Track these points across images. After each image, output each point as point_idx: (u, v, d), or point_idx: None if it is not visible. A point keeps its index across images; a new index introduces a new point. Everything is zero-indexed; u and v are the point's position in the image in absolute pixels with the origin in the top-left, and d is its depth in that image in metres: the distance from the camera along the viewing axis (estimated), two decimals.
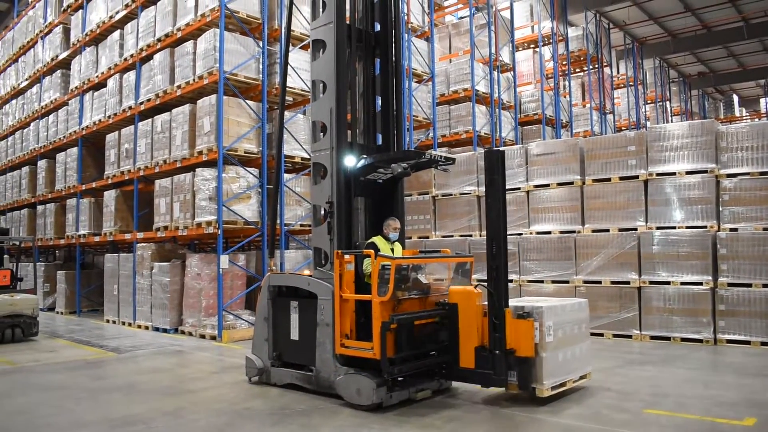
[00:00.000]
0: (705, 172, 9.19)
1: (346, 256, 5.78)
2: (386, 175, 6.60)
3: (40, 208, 16.11)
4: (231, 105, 10.12)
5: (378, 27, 6.93)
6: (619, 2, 22.85)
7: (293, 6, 7.82)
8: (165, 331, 10.86)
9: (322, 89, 6.53)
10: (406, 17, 13.67)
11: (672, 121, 28.80)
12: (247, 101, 10.38)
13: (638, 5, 24.59)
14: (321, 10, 6.64)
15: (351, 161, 6.29)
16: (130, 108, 12.32)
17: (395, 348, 5.43)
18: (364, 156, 6.34)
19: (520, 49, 19.01)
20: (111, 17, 13.32)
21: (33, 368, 7.97)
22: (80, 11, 14.77)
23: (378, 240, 6.13)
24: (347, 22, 6.62)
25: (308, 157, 10.55)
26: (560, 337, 5.71)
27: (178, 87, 10.94)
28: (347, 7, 6.61)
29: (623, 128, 24.14)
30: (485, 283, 5.57)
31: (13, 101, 18.95)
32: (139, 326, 11.56)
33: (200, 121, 10.37)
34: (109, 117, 13.06)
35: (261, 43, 10.63)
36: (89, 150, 14.42)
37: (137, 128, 11.99)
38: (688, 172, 9.32)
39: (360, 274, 5.81)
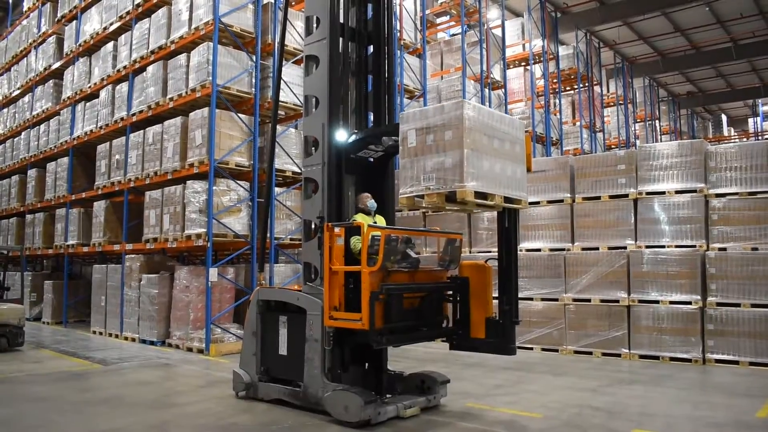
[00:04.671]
0: (694, 191, 9.27)
1: (336, 229, 5.73)
2: (377, 153, 6.51)
3: (29, 217, 16.00)
4: (223, 118, 10.12)
5: (371, 44, 6.97)
6: (610, 22, 23.09)
7: (287, 21, 7.85)
8: (152, 343, 10.77)
9: (315, 104, 6.55)
10: (398, 34, 13.75)
11: (661, 140, 29.06)
12: (239, 115, 10.38)
13: (628, 25, 24.88)
14: (315, 26, 6.67)
15: (342, 136, 6.27)
16: (122, 119, 12.30)
17: (384, 319, 5.42)
18: (356, 131, 6.35)
19: (511, 66, 19.15)
20: (105, 28, 13.33)
21: (17, 379, 7.88)
22: (74, 22, 14.77)
23: (360, 216, 6.08)
24: (340, 38, 6.65)
25: (299, 171, 10.56)
26: None
27: (171, 99, 10.94)
28: (340, 24, 6.65)
29: (613, 146, 24.32)
30: (495, 259, 5.74)
31: (5, 110, 18.88)
32: (126, 338, 11.46)
33: (192, 134, 10.36)
34: (100, 128, 13.03)
35: (254, 57, 10.65)
36: (80, 160, 14.36)
37: (129, 139, 11.96)
38: (678, 192, 9.39)
39: (349, 251, 5.76)
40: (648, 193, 9.60)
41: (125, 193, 12.02)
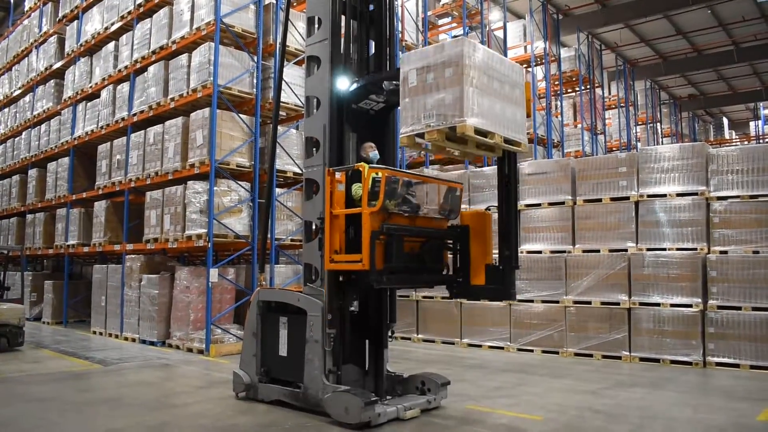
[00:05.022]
0: (695, 194, 9.25)
1: (337, 175, 5.74)
2: (378, 104, 6.47)
3: (29, 217, 16.00)
4: (224, 119, 10.12)
5: (373, 45, 6.96)
6: (611, 24, 23.09)
7: (289, 22, 7.84)
8: (152, 343, 10.76)
9: (316, 105, 6.53)
10: (400, 35, 13.75)
11: (662, 143, 29.04)
12: (240, 115, 10.38)
13: (630, 27, 24.89)
14: (316, 26, 6.66)
15: (344, 84, 6.22)
16: (123, 119, 12.29)
17: (384, 259, 5.39)
18: (356, 79, 6.32)
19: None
20: (106, 28, 13.33)
21: (17, 379, 7.87)
22: (75, 22, 14.77)
23: (361, 166, 5.99)
24: (342, 39, 6.64)
25: (300, 172, 10.54)
26: None
27: (172, 99, 10.93)
28: (342, 24, 6.63)
29: (614, 149, 24.31)
30: (495, 207, 5.80)
31: (6, 109, 18.88)
32: (126, 338, 11.45)
33: (193, 134, 10.36)
34: (101, 128, 13.02)
35: (255, 58, 10.65)
36: (81, 160, 14.36)
37: (130, 139, 11.96)
38: (679, 194, 9.38)
39: (350, 199, 5.76)
40: (649, 196, 9.59)
41: (126, 193, 12.01)
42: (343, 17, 6.61)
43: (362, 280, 5.45)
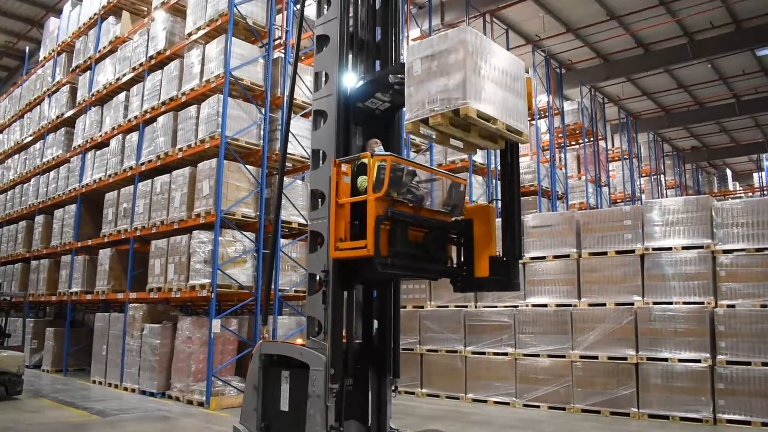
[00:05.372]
0: (701, 247, 9.22)
1: (343, 167, 5.75)
2: (384, 103, 6.48)
3: (34, 263, 16.03)
4: (231, 169, 10.22)
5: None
6: (614, 78, 23.43)
7: (297, 75, 7.99)
8: (152, 394, 10.61)
9: (322, 158, 6.58)
10: None
11: (667, 195, 29.12)
12: (247, 166, 10.49)
13: (632, 81, 25.24)
14: (324, 81, 6.77)
15: (351, 80, 6.24)
16: (131, 168, 12.43)
17: (389, 245, 5.34)
18: (363, 76, 6.34)
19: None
20: (118, 79, 13.61)
21: (14, 429, 7.74)
22: (88, 72, 15.10)
23: (366, 155, 5.99)
24: (348, 93, 6.74)
25: (305, 222, 10.59)
26: None
27: (180, 150, 11.07)
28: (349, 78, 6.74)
29: (619, 201, 24.36)
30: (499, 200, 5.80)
31: (16, 156, 19.13)
32: (126, 388, 11.30)
33: (200, 184, 10.45)
34: (109, 176, 13.16)
35: (263, 110, 10.83)
36: (87, 207, 14.46)
37: (137, 188, 12.07)
38: (684, 248, 9.34)
39: (356, 190, 5.73)
40: (654, 249, 9.55)
41: (131, 241, 12.05)
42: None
43: (366, 270, 5.43)
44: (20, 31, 23.45)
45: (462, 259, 5.94)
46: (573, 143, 22.07)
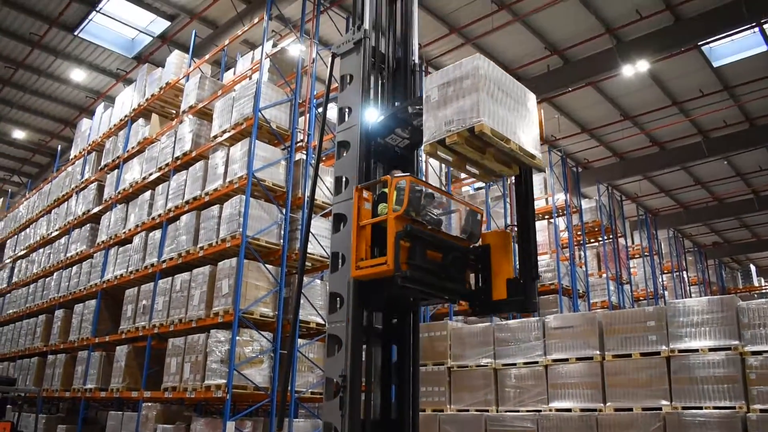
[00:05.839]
0: (728, 349, 8.93)
1: (365, 193, 5.95)
2: (404, 140, 6.66)
3: (50, 357, 15.94)
4: (251, 268, 10.30)
5: None
6: (630, 176, 23.72)
7: (317, 176, 8.18)
8: None
9: (341, 261, 6.63)
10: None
11: (690, 292, 28.64)
12: (266, 265, 10.57)
13: (649, 179, 25.49)
14: (343, 186, 6.92)
15: (372, 116, 6.44)
16: (152, 265, 12.57)
17: (408, 260, 5.47)
18: (383, 114, 6.56)
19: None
20: (144, 178, 14.02)
21: None
22: (116, 171, 15.59)
23: (386, 177, 6.16)
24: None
25: (323, 323, 10.54)
26: None
27: (201, 248, 11.22)
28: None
29: (641, 298, 23.98)
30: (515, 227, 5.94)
31: (41, 250, 19.45)
32: None
33: (219, 283, 10.51)
34: (130, 272, 13.30)
35: (284, 210, 11.03)
36: (107, 303, 14.53)
37: (157, 285, 12.15)
38: (711, 349, 9.06)
39: (376, 216, 5.93)
40: (680, 351, 9.27)
41: (149, 339, 12.01)
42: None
43: (386, 287, 5.57)
44: (53, 130, 24.51)
45: (480, 283, 6.14)
46: (592, 241, 22.01)
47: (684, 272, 28.94)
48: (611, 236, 20.95)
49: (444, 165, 15.60)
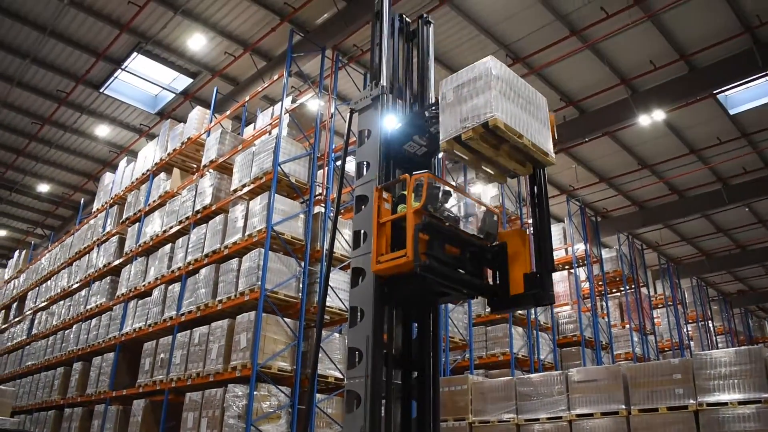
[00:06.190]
0: (759, 402, 8.63)
1: (384, 194, 6.09)
2: (421, 147, 6.75)
3: (67, 411, 15.84)
4: (269, 322, 10.26)
5: None
6: (650, 225, 23.53)
7: (336, 230, 8.21)
8: None
9: (360, 316, 6.58)
10: None
11: (716, 341, 27.97)
12: (285, 319, 10.52)
13: (669, 227, 25.25)
14: (362, 239, 6.91)
15: (391, 122, 6.62)
16: (171, 318, 12.57)
17: (427, 251, 5.62)
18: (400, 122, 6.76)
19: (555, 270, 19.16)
20: (165, 231, 14.16)
21: None
22: (137, 224, 15.78)
23: (404, 176, 6.26)
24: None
25: (342, 377, 10.41)
26: None
27: (220, 302, 11.23)
28: None
29: (666, 349, 23.45)
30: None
31: (61, 302, 19.57)
32: None
33: (237, 337, 10.46)
34: (149, 325, 13.31)
35: (303, 263, 11.03)
36: (125, 356, 14.49)
37: (175, 338, 12.12)
38: (741, 402, 8.76)
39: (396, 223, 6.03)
40: (709, 405, 8.99)
41: (166, 393, 11.91)
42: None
43: (407, 277, 5.69)
44: (77, 183, 25.00)
45: (498, 281, 6.26)
46: (614, 291, 21.71)
47: (709, 321, 28.32)
48: (633, 286, 20.65)
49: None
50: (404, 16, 7.79)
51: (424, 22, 7.80)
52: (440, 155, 7.25)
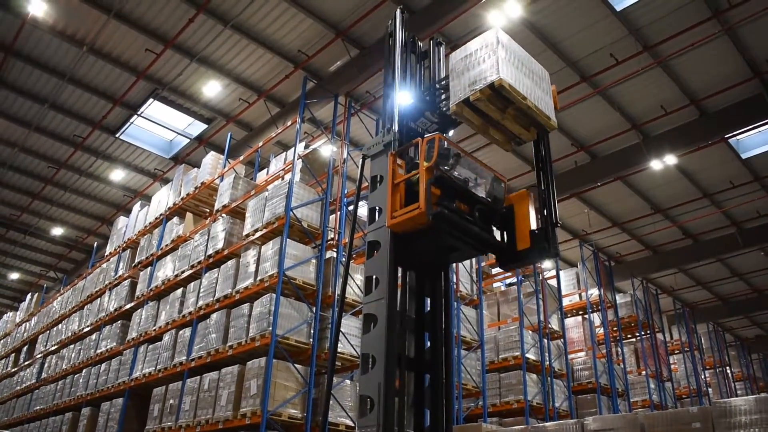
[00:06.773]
0: None
1: (398, 160, 6.35)
2: (432, 125, 7.01)
3: None
4: (279, 368, 10.14)
5: (428, 301, 7.09)
6: (665, 269, 23.31)
7: (348, 275, 8.17)
8: None
9: (372, 363, 6.50)
10: (455, 286, 14.06)
11: (735, 388, 27.35)
12: (295, 365, 10.40)
13: (684, 272, 24.98)
14: (374, 285, 6.89)
15: (405, 98, 6.88)
16: (181, 363, 12.47)
17: (439, 202, 5.88)
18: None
19: (569, 315, 18.98)
20: (176, 276, 14.16)
21: None
22: (149, 268, 15.81)
23: (416, 140, 6.46)
24: (398, 297, 6.81)
25: (353, 425, 10.24)
26: None
27: (230, 347, 11.14)
28: (398, 283, 6.84)
29: (684, 396, 22.93)
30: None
31: (72, 346, 19.48)
32: None
33: (247, 383, 10.34)
34: (159, 370, 13.19)
35: (314, 309, 10.95)
36: (134, 401, 14.33)
37: (185, 384, 11.99)
38: None
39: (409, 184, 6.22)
40: None
41: None
42: (399, 275, 6.86)
43: (420, 237, 5.95)
44: (90, 227, 25.22)
45: (505, 241, 6.48)
46: (629, 336, 21.39)
47: (727, 367, 27.76)
48: (648, 331, 20.33)
49: (474, 262, 15.56)
50: (415, 37, 7.95)
51: (435, 43, 7.95)
52: None
